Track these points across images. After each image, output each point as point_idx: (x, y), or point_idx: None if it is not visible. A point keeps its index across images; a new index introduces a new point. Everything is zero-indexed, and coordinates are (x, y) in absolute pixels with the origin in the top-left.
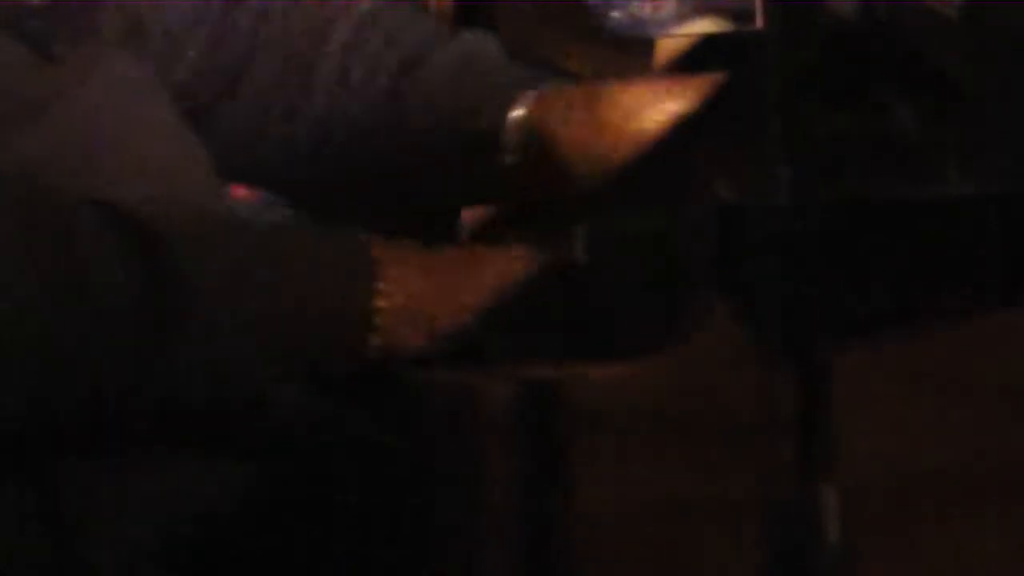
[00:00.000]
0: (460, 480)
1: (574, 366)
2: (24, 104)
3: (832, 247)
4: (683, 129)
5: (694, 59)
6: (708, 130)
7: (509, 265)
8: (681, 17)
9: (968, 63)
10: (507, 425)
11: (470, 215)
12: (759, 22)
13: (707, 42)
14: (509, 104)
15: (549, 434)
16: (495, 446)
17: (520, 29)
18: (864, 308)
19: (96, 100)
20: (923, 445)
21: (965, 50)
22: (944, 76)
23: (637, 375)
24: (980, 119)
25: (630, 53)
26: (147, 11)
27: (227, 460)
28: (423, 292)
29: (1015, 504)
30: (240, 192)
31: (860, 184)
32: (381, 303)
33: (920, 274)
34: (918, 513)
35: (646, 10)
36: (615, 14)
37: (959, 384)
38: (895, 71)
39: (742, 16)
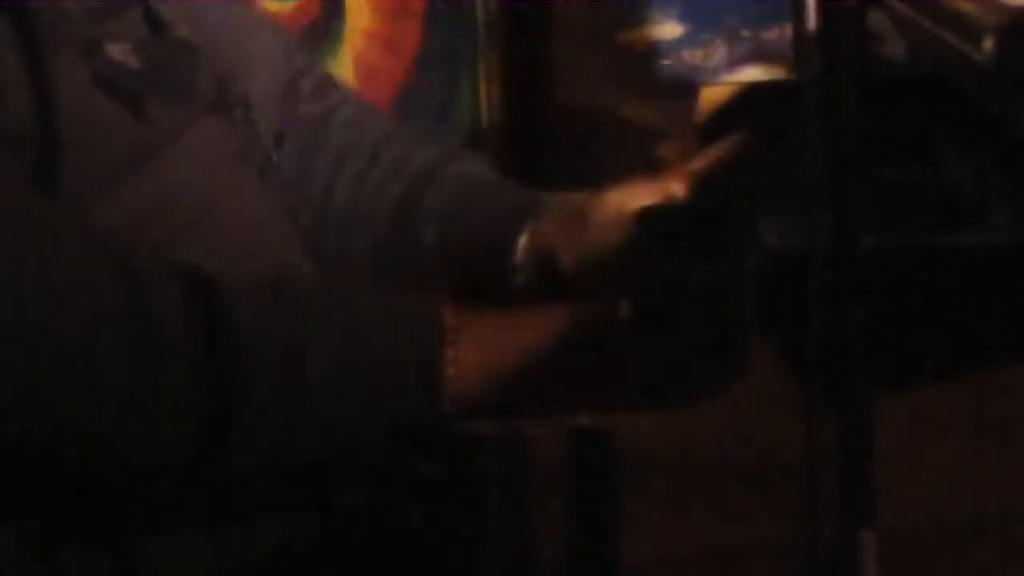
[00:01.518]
0: (511, 526)
1: (625, 414)
2: (118, 161)
3: (875, 294)
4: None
5: (739, 107)
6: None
7: (571, 321)
8: (732, 64)
9: (1005, 109)
10: (558, 472)
11: None
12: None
13: (752, 90)
14: (516, 231)
15: (600, 481)
16: (546, 493)
17: (577, 79)
18: (906, 354)
19: (188, 161)
20: (962, 491)
21: (1001, 97)
22: (989, 123)
23: (685, 422)
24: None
25: (681, 100)
26: (232, 81)
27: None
28: (493, 354)
29: None
30: None
31: (905, 231)
32: (451, 371)
33: (964, 320)
34: (956, 558)
35: (697, 57)
36: (667, 61)
37: (999, 430)
38: (941, 118)
39: (793, 64)
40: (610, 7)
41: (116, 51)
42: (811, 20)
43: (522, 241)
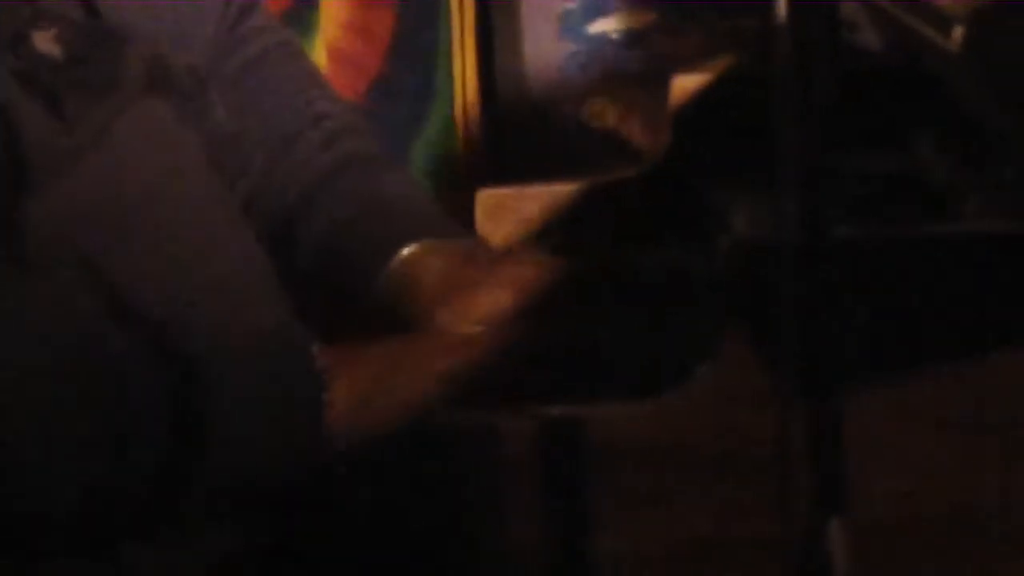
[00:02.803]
0: (482, 516)
1: (594, 405)
2: (40, 166)
3: (847, 285)
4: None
5: (711, 95)
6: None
7: (464, 349)
8: (704, 54)
9: (974, 99)
10: (528, 462)
11: None
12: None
13: (723, 78)
14: (386, 259)
15: (570, 471)
16: (517, 482)
17: (546, 70)
18: (878, 346)
19: (111, 163)
20: (933, 483)
21: (970, 86)
22: (961, 113)
23: (654, 413)
24: (997, 156)
25: (655, 90)
26: (168, 56)
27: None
28: (368, 392)
29: (1022, 541)
30: None
31: (878, 221)
32: (332, 413)
33: (937, 311)
34: (927, 549)
35: (668, 47)
36: (638, 51)
37: (969, 422)
38: (914, 109)
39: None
40: None
41: (41, 41)
42: (782, 9)
43: (386, 271)
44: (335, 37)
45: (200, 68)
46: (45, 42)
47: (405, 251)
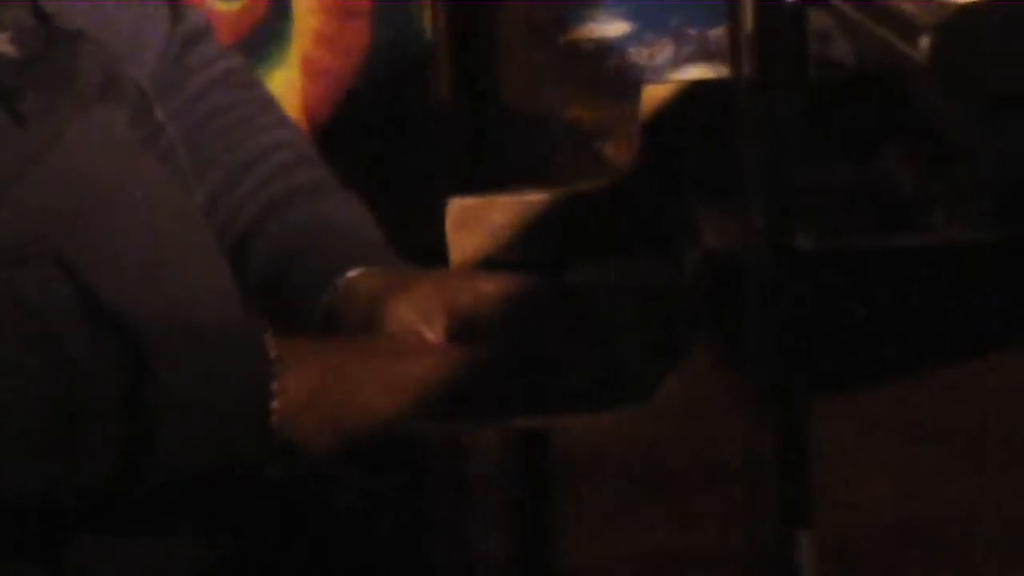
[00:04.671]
0: (447, 529)
1: (558, 417)
2: (2, 172)
3: (814, 295)
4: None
5: (681, 105)
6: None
7: (424, 358)
8: (678, 63)
9: (942, 109)
10: (494, 474)
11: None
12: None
13: (693, 88)
14: (327, 283)
15: (535, 483)
16: (482, 495)
17: (520, 81)
18: (844, 356)
19: (71, 163)
20: (901, 494)
21: (937, 97)
22: (928, 123)
23: (621, 423)
24: (965, 166)
25: (629, 100)
26: (121, 61)
27: (221, 527)
28: (322, 388)
29: (991, 553)
30: None
31: (845, 231)
32: (277, 403)
33: (903, 322)
34: (894, 561)
35: (643, 56)
36: (612, 61)
37: (938, 433)
38: (880, 119)
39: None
40: (556, 6)
41: None
42: (748, 19)
43: (339, 287)
44: (308, 49)
45: (148, 90)
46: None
47: (347, 275)
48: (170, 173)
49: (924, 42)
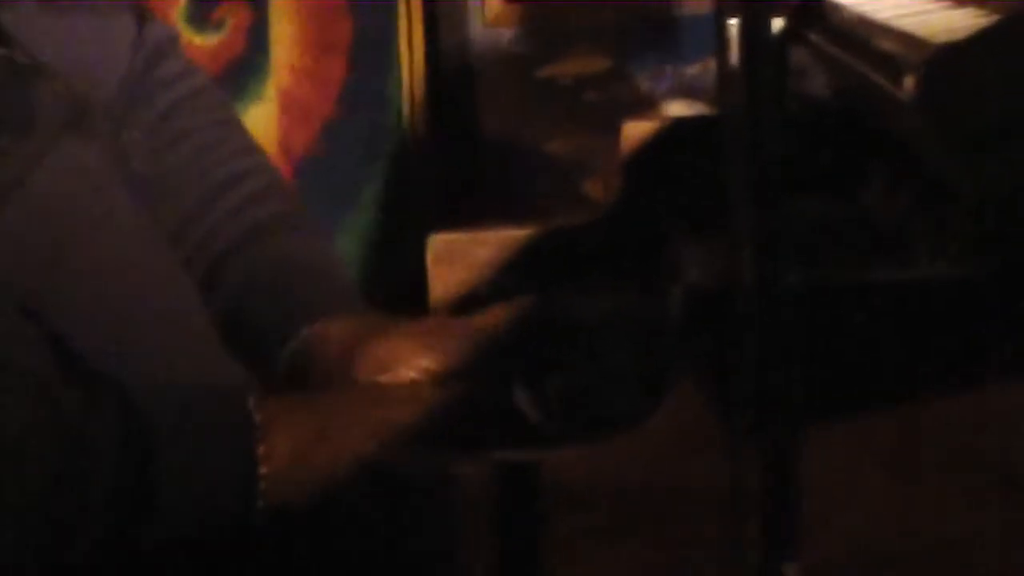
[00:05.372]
0: (439, 559)
1: (544, 450)
2: None
3: (799, 329)
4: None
5: (661, 141)
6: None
7: (403, 401)
8: (657, 98)
9: (926, 147)
10: (484, 505)
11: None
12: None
13: (673, 125)
14: (294, 330)
15: (525, 514)
16: (472, 525)
17: (500, 115)
18: (830, 389)
19: (39, 203)
20: (885, 525)
21: (922, 134)
22: (912, 160)
23: (609, 454)
24: (947, 201)
25: (607, 135)
26: (83, 92)
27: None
28: (309, 446)
29: None
30: None
31: (828, 266)
32: (263, 469)
33: (886, 355)
34: None
35: (622, 92)
36: (591, 96)
37: (922, 465)
38: (861, 154)
39: (716, 98)
40: (535, 41)
41: None
42: (734, 55)
43: (306, 333)
44: (287, 84)
45: (110, 109)
46: None
47: (314, 325)
48: (130, 202)
49: (908, 81)
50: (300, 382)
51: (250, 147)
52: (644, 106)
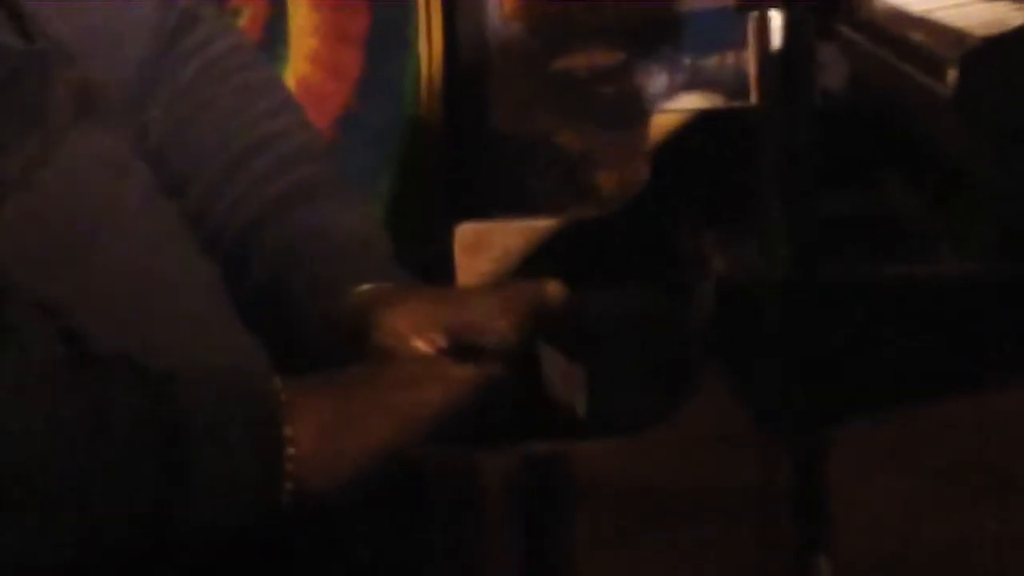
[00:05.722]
0: (459, 553)
1: (573, 441)
2: None
3: (828, 326)
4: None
5: (689, 134)
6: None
7: (430, 383)
8: (672, 91)
9: (960, 141)
10: (506, 498)
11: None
12: (753, 98)
13: (702, 117)
14: (337, 297)
15: (547, 508)
16: (494, 518)
17: (514, 107)
18: (859, 386)
19: (59, 188)
20: (914, 522)
21: (959, 130)
22: (939, 156)
23: (635, 450)
24: (974, 199)
25: (621, 129)
26: (95, 79)
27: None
28: (337, 429)
29: None
30: None
31: (855, 263)
32: (291, 450)
33: (914, 353)
34: None
35: (636, 84)
36: (606, 89)
37: (950, 463)
38: (889, 151)
39: (734, 92)
40: (549, 33)
41: None
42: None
43: (342, 301)
44: (304, 72)
45: (131, 86)
46: None
47: (346, 296)
48: (156, 189)
49: (951, 75)
50: (333, 355)
51: (283, 105)
52: (659, 99)
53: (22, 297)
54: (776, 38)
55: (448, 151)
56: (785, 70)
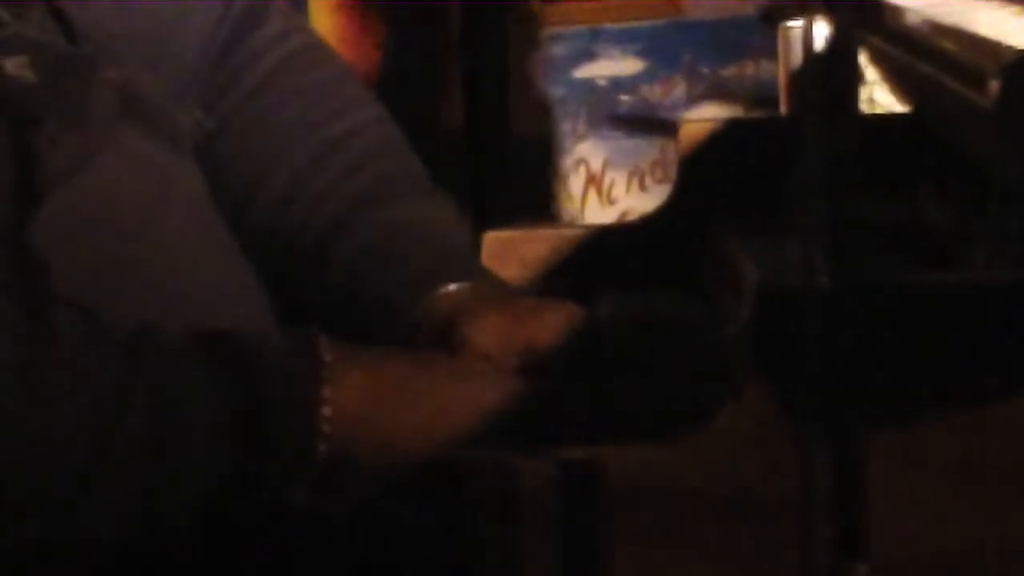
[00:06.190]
0: (499, 558)
1: (611, 447)
2: (24, 192)
3: (865, 331)
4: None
5: (720, 143)
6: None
7: (483, 382)
8: (691, 101)
9: (1000, 152)
10: (545, 502)
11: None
12: (782, 108)
13: (733, 126)
14: (421, 297)
15: (587, 513)
16: (533, 523)
17: (533, 118)
18: (896, 391)
19: (101, 187)
20: (952, 526)
21: (998, 139)
22: (974, 164)
23: (674, 455)
24: (1009, 207)
25: (639, 136)
26: (140, 80)
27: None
28: (378, 401)
29: None
30: None
31: (892, 270)
32: (327, 410)
33: (950, 358)
34: None
35: (656, 94)
36: (625, 98)
37: (989, 468)
38: (926, 159)
39: (753, 101)
40: (570, 41)
41: (14, 67)
42: (794, 58)
43: (426, 302)
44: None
45: (186, 87)
46: (18, 68)
47: (438, 291)
48: (198, 193)
49: (992, 86)
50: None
51: (361, 100)
52: (678, 108)
53: (60, 295)
54: (797, 48)
55: (469, 158)
56: (828, 78)
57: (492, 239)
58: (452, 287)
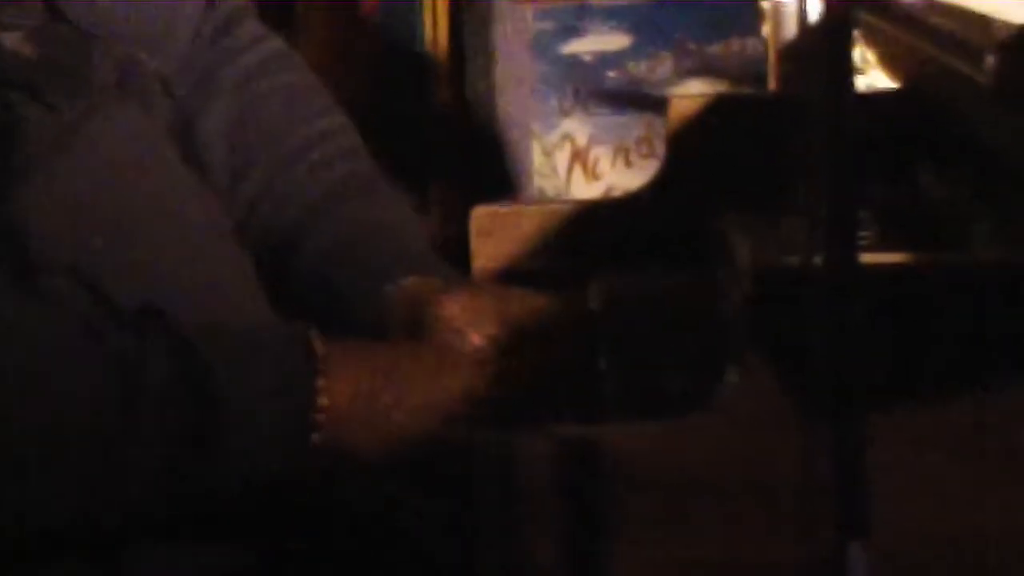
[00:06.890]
0: (498, 537)
1: (612, 427)
2: (27, 154)
3: (867, 312)
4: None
5: (709, 118)
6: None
7: (472, 366)
8: (679, 76)
9: (1000, 128)
10: (546, 482)
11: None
12: (771, 84)
13: (723, 100)
14: (371, 294)
15: (587, 493)
16: (533, 503)
17: (523, 91)
18: (899, 371)
19: (100, 150)
20: (943, 510)
21: (997, 116)
22: (975, 143)
23: (674, 435)
24: (1010, 186)
25: (626, 113)
26: (140, 55)
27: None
28: (371, 391)
29: None
30: None
31: (892, 249)
32: (323, 400)
33: (954, 339)
34: (947, 573)
35: (643, 69)
36: (612, 74)
37: (992, 449)
38: (926, 138)
39: (740, 78)
40: (557, 17)
41: (11, 41)
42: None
43: (396, 289)
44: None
45: (172, 78)
46: (15, 42)
47: (392, 286)
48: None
49: (990, 61)
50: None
51: (329, 107)
52: (664, 85)
53: (54, 262)
54: (787, 24)
55: (455, 134)
56: (827, 55)
57: (480, 215)
58: (415, 279)
